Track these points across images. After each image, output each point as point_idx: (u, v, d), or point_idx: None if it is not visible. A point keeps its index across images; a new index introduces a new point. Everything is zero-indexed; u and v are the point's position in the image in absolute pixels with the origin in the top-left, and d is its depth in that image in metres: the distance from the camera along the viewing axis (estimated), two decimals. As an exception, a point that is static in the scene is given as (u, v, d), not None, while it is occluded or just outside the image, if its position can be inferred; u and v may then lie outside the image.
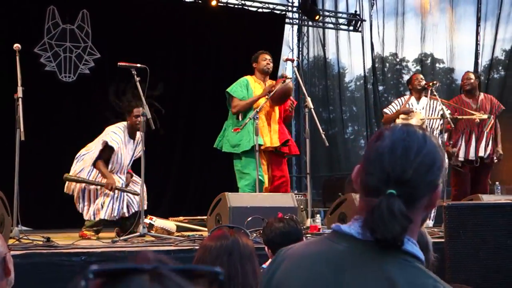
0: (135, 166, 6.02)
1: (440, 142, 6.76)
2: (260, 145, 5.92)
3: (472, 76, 7.33)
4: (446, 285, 1.28)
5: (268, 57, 6.38)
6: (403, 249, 1.26)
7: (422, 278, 1.25)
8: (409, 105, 6.98)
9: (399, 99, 7.26)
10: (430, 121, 6.83)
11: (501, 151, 7.15)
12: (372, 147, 1.33)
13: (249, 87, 6.23)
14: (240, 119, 6.13)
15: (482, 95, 7.34)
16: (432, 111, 6.86)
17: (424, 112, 6.88)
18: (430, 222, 6.38)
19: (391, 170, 1.26)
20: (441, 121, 6.72)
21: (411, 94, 7.14)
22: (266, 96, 5.99)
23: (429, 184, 1.29)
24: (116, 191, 5.74)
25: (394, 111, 7.01)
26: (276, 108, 6.30)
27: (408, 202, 1.25)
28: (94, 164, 5.84)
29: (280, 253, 1.45)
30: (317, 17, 10.65)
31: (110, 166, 5.93)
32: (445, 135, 6.75)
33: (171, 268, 0.72)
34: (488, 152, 7.06)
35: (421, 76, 7.26)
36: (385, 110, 7.23)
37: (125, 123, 6.03)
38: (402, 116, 6.88)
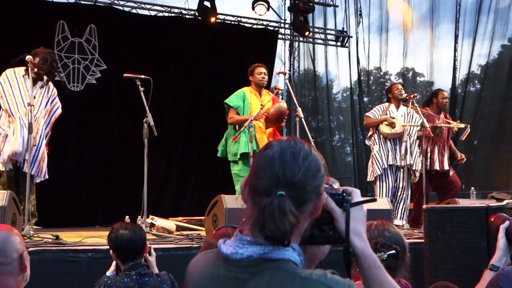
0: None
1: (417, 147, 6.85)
2: (255, 151, 5.94)
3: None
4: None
5: (263, 70, 6.35)
6: (280, 258, 1.24)
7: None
8: (389, 112, 6.99)
9: (380, 106, 7.26)
10: (409, 127, 6.87)
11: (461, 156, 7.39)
12: (261, 155, 1.32)
13: (245, 99, 6.23)
14: (237, 128, 6.16)
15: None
16: (410, 118, 6.90)
17: (402, 119, 6.90)
18: (400, 221, 6.46)
19: (282, 173, 1.25)
20: (419, 128, 6.78)
21: (390, 102, 7.14)
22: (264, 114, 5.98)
23: (315, 189, 1.28)
24: None
25: (377, 116, 7.01)
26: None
27: (296, 204, 1.23)
28: None
29: (187, 269, 1.43)
30: (306, 33, 10.68)
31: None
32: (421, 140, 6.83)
33: None
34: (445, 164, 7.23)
35: (401, 86, 7.28)
36: (367, 114, 7.22)
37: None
38: (385, 122, 6.89)
